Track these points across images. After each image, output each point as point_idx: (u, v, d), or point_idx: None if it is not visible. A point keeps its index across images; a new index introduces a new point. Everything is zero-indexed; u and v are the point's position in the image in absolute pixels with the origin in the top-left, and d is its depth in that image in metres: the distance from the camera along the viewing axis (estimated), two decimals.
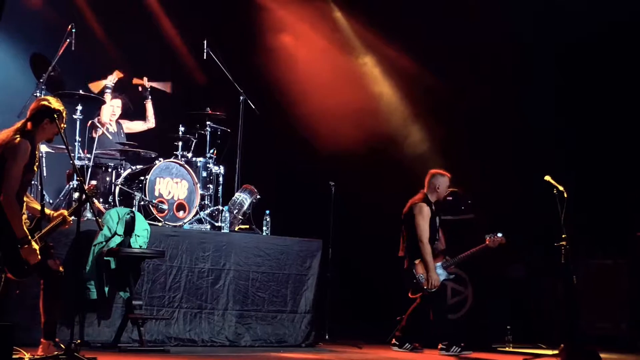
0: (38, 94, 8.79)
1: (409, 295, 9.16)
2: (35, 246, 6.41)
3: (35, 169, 6.69)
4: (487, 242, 9.12)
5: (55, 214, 6.67)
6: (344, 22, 12.09)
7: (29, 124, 6.55)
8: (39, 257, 6.39)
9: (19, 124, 6.60)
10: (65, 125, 6.69)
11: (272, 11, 11.78)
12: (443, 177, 9.27)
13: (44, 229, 6.58)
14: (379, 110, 11.89)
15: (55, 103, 6.62)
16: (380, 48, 11.91)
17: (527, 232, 10.60)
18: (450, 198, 9.81)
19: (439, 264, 9.14)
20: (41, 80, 8.98)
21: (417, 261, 9.03)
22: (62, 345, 6.44)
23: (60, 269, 6.61)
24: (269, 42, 11.72)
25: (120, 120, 10.03)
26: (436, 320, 9.10)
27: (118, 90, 9.97)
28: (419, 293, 9.05)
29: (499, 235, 9.13)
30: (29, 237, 6.38)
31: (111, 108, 9.86)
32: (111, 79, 9.84)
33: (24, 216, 6.53)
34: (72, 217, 6.63)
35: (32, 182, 8.40)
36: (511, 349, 9.94)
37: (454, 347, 8.93)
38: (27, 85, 9.51)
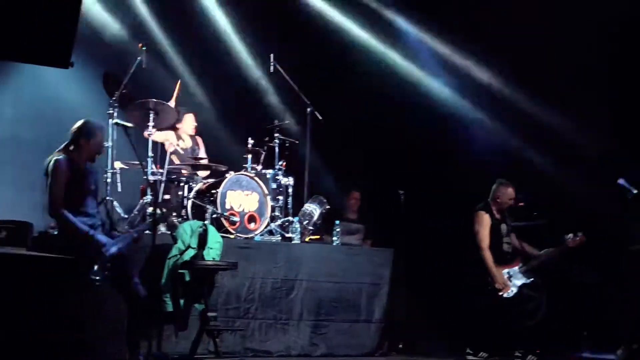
0: (110, 112, 8.97)
1: (482, 302, 9.12)
2: (103, 239, 6.76)
3: (90, 184, 6.96)
4: (566, 243, 9.05)
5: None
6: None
7: (70, 145, 6.91)
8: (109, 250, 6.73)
9: (62, 146, 6.93)
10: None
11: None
12: (505, 188, 9.27)
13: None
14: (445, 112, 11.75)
15: (90, 122, 6.94)
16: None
17: (601, 236, 10.39)
18: (522, 204, 9.71)
19: (515, 268, 9.07)
20: (113, 99, 9.12)
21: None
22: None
23: (141, 294, 6.89)
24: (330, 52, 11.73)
25: (197, 137, 10.16)
26: (512, 327, 9.01)
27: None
28: (493, 300, 8.99)
29: (579, 234, 9.04)
30: (88, 232, 6.72)
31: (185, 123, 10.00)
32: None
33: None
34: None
35: (107, 198, 8.60)
36: (589, 356, 9.76)
37: (530, 355, 8.82)
38: (100, 103, 9.67)
